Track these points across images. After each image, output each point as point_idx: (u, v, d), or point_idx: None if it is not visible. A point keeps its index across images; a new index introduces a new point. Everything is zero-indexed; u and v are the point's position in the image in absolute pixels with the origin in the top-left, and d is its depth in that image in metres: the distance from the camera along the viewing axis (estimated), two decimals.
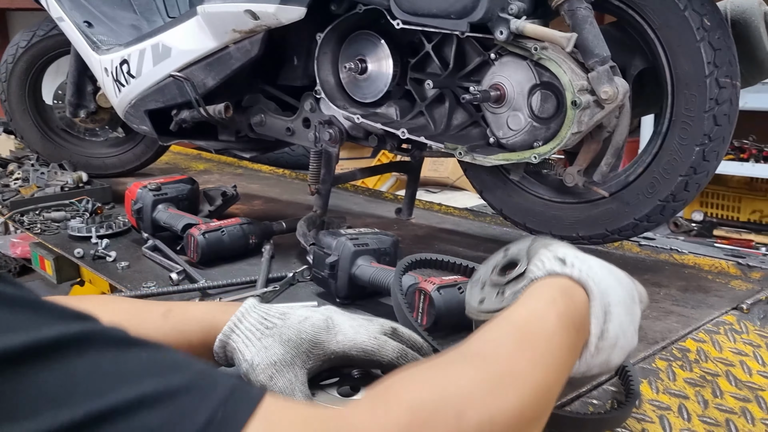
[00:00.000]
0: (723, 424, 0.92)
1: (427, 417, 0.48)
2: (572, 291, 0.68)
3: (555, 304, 0.65)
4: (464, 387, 0.52)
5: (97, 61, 1.76)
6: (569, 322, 0.65)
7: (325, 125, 1.44)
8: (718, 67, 1.13)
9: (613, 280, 0.72)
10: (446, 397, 0.50)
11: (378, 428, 0.47)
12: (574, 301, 0.68)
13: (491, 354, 0.58)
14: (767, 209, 4.02)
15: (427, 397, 0.50)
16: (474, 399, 0.51)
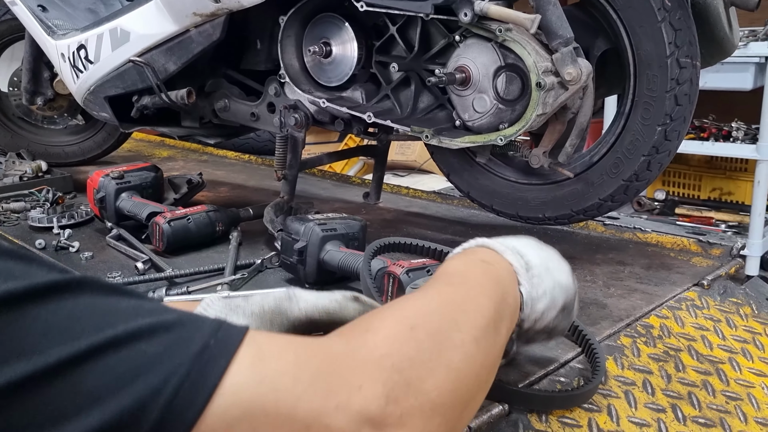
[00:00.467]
0: (685, 397, 0.95)
1: (402, 340, 0.53)
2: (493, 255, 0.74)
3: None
4: (434, 309, 0.59)
5: (53, 46, 1.70)
6: (493, 275, 0.71)
7: (291, 110, 1.43)
8: (679, 48, 1.15)
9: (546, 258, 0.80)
10: (419, 321, 0.56)
11: (356, 350, 0.52)
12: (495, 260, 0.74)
13: (448, 287, 0.65)
14: (727, 187, 4.12)
15: (401, 322, 0.55)
16: (445, 319, 0.58)
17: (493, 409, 0.81)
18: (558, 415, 0.85)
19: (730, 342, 1.11)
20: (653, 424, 0.88)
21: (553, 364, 0.95)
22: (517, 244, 0.78)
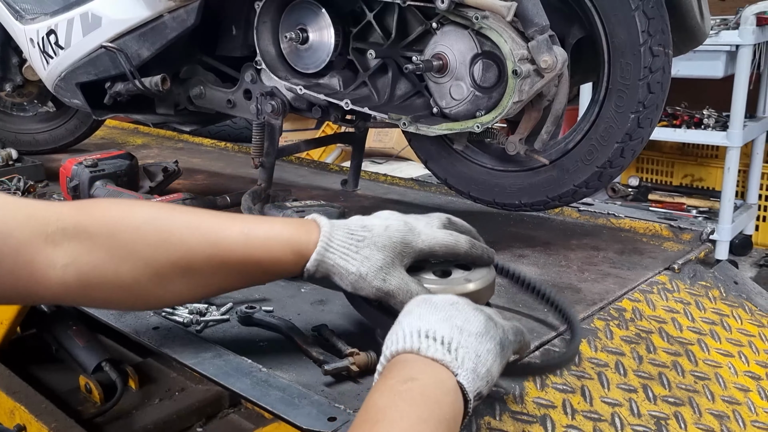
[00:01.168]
0: (656, 378, 0.97)
1: None
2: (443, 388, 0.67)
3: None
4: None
5: (22, 31, 1.66)
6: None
7: (267, 97, 1.42)
8: (652, 36, 1.17)
9: (491, 358, 0.72)
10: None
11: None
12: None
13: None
14: (698, 173, 4.21)
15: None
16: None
17: None
18: (533, 396, 0.87)
19: (699, 324, 1.14)
20: (625, 404, 0.91)
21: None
22: (430, 325, 0.70)
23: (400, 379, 0.66)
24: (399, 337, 0.70)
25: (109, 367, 2.01)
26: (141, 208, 0.87)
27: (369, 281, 0.82)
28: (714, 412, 0.95)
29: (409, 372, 0.66)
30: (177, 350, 0.96)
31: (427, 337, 0.69)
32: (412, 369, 0.67)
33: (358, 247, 0.82)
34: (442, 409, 0.64)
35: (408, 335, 0.70)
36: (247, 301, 1.10)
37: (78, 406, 1.97)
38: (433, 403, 0.63)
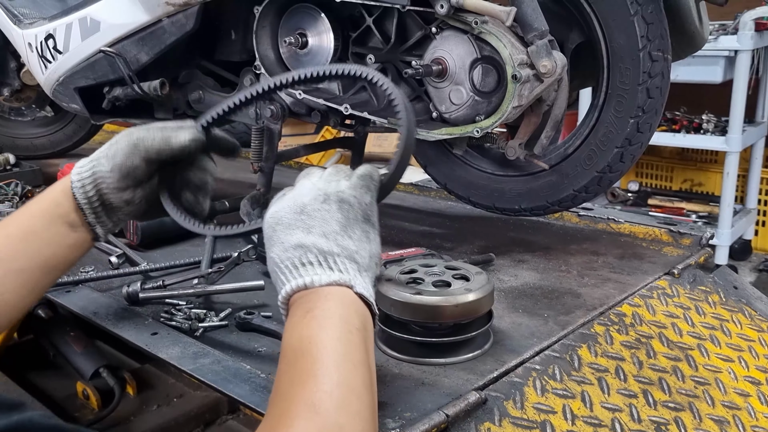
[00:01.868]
0: (656, 383, 0.97)
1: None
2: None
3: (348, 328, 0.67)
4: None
5: (20, 35, 1.66)
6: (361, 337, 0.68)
7: (266, 101, 1.42)
8: (651, 41, 1.17)
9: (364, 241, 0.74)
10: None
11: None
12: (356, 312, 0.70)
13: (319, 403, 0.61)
14: (697, 178, 4.21)
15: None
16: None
17: (470, 397, 0.82)
18: (533, 401, 0.87)
19: (699, 329, 1.14)
20: (625, 409, 0.90)
21: (528, 352, 0.96)
22: (296, 251, 0.71)
23: (301, 313, 0.68)
24: (282, 278, 0.71)
25: (107, 373, 2.00)
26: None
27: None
28: (714, 417, 0.94)
29: (307, 304, 0.69)
30: (175, 356, 0.95)
31: (303, 265, 0.70)
32: (308, 301, 0.69)
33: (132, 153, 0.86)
34: (350, 321, 0.67)
35: (287, 272, 0.71)
36: (246, 307, 1.10)
37: (75, 413, 1.96)
38: (338, 320, 0.67)
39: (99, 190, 0.86)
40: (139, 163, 0.87)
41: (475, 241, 1.44)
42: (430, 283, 0.94)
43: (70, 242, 0.87)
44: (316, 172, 0.79)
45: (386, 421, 0.78)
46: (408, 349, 0.94)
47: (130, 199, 0.89)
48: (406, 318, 0.92)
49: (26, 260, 0.84)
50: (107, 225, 0.89)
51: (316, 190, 0.75)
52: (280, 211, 0.75)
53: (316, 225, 0.72)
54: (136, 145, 0.87)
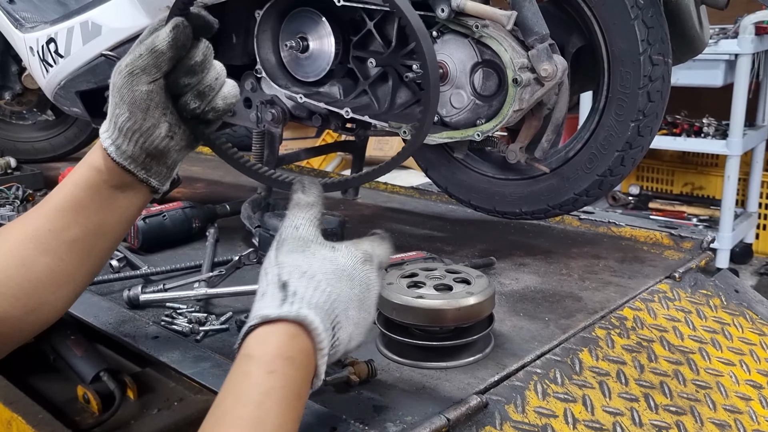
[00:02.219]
0: (657, 387, 0.97)
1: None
2: (293, 343, 0.64)
3: (275, 380, 0.62)
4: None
5: (21, 39, 1.66)
6: (292, 392, 0.62)
7: (267, 105, 1.42)
8: (652, 45, 1.17)
9: (342, 284, 0.69)
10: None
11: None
12: (297, 354, 0.64)
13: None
14: (698, 182, 4.21)
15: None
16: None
17: (471, 401, 0.82)
18: (534, 405, 0.86)
19: (701, 333, 1.14)
20: (627, 413, 0.90)
21: (529, 355, 0.96)
22: (326, 300, 0.67)
23: (245, 358, 0.64)
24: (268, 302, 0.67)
25: (108, 377, 1.99)
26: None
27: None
28: (716, 421, 0.94)
29: (251, 350, 0.64)
30: (176, 360, 0.95)
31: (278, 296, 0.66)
32: (257, 344, 0.64)
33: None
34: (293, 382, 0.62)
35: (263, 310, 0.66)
36: (247, 311, 1.09)
37: (76, 417, 1.95)
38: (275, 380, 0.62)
39: (135, 142, 0.78)
40: (146, 87, 0.77)
41: (476, 245, 1.44)
42: (431, 287, 0.94)
43: (122, 203, 0.81)
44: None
45: (387, 425, 0.78)
46: (409, 353, 0.94)
47: (170, 131, 0.79)
48: (408, 321, 0.92)
49: (78, 229, 0.79)
50: (162, 173, 0.82)
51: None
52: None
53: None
54: (130, 72, 0.78)
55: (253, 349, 0.63)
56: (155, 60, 0.77)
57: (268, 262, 0.70)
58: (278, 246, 0.71)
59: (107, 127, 0.80)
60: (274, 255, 0.70)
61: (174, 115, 0.80)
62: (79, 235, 0.79)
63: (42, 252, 0.77)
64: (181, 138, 0.82)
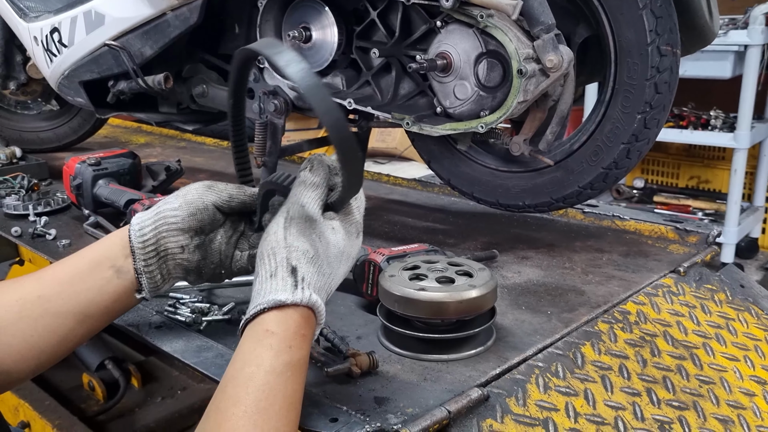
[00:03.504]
0: (660, 381, 0.96)
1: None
2: (306, 323, 0.71)
3: (293, 353, 0.69)
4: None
5: (26, 29, 1.66)
6: (305, 363, 0.70)
7: (270, 96, 1.41)
8: (660, 35, 1.15)
9: (341, 263, 0.77)
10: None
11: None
12: (308, 330, 0.71)
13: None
14: (704, 175, 4.18)
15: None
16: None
17: (472, 393, 0.82)
18: (536, 398, 0.86)
19: (705, 327, 1.13)
20: (629, 407, 0.90)
21: (531, 349, 0.95)
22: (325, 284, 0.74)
23: (260, 334, 0.70)
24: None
25: (112, 365, 2.01)
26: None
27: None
28: (719, 416, 0.94)
29: (269, 326, 0.70)
30: (179, 349, 0.95)
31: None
32: (273, 321, 0.70)
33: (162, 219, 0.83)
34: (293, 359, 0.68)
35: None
36: (249, 301, 1.09)
37: (81, 404, 1.97)
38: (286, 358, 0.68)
39: (158, 232, 0.82)
40: (209, 204, 0.84)
41: (479, 238, 1.44)
42: (433, 279, 0.94)
43: (111, 290, 0.82)
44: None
45: (388, 416, 0.78)
46: (410, 345, 0.94)
47: (186, 245, 0.84)
48: (409, 314, 0.92)
49: (64, 302, 0.80)
50: (155, 276, 0.83)
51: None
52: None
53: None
54: (210, 186, 0.86)
55: (274, 327, 0.69)
56: (235, 194, 0.86)
57: (276, 242, 0.73)
58: (286, 225, 0.74)
59: (150, 209, 0.85)
60: (283, 235, 0.73)
61: (199, 241, 0.85)
62: (63, 310, 0.80)
63: (23, 318, 0.78)
64: (187, 258, 0.85)
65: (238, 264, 0.89)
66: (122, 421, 1.90)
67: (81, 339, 0.84)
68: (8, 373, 0.78)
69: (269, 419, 0.64)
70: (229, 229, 0.88)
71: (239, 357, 0.68)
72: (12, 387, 0.82)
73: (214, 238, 0.87)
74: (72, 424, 1.70)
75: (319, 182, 0.78)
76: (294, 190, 0.78)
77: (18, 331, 0.78)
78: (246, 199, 0.87)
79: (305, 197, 0.76)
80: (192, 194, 0.85)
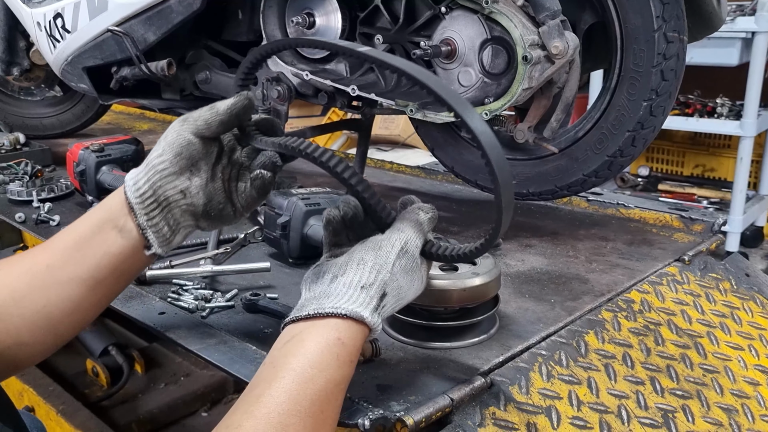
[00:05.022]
0: (664, 370, 0.96)
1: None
2: (365, 342, 0.73)
3: (350, 368, 0.69)
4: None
5: (29, 15, 1.65)
6: (350, 379, 0.70)
7: (273, 82, 1.40)
8: (667, 22, 1.14)
9: (413, 297, 0.78)
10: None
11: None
12: (362, 346, 0.72)
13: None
14: (709, 163, 4.16)
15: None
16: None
17: (475, 381, 0.82)
18: (539, 387, 0.86)
19: (709, 316, 1.12)
20: (632, 396, 0.89)
21: (535, 337, 0.95)
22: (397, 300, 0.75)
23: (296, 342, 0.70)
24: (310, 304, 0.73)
25: (116, 351, 2.02)
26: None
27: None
28: (722, 405, 0.94)
29: (300, 334, 0.71)
30: (182, 336, 0.96)
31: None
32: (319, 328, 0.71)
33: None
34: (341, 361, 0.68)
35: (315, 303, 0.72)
36: (252, 288, 1.10)
37: (85, 389, 1.99)
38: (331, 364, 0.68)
39: (152, 183, 0.78)
40: (189, 136, 0.80)
41: (482, 225, 1.43)
42: (436, 267, 0.93)
43: (117, 250, 0.79)
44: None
45: (391, 404, 0.78)
46: (413, 333, 0.94)
47: (186, 188, 0.80)
48: (413, 301, 0.91)
49: (72, 269, 0.78)
50: (162, 229, 0.80)
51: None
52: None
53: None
54: (185, 119, 0.81)
55: (347, 338, 0.69)
56: (208, 116, 0.80)
57: (385, 262, 0.73)
58: (400, 255, 0.75)
59: (140, 166, 0.81)
60: (393, 261, 0.74)
61: (199, 180, 0.81)
62: (73, 276, 0.78)
63: (34, 288, 0.77)
64: (191, 202, 0.81)
65: (243, 196, 0.85)
66: (125, 407, 1.91)
67: (96, 307, 0.82)
68: (27, 345, 0.77)
69: (319, 428, 0.64)
70: (227, 162, 0.84)
71: (301, 351, 0.67)
72: (34, 362, 0.81)
73: (215, 175, 0.83)
74: (76, 409, 1.72)
75: (428, 229, 0.80)
76: (413, 225, 0.78)
77: (30, 302, 0.77)
78: (223, 117, 0.81)
79: (419, 236, 0.77)
80: (171, 134, 0.81)
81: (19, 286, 0.77)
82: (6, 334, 0.76)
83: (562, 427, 0.82)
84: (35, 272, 0.78)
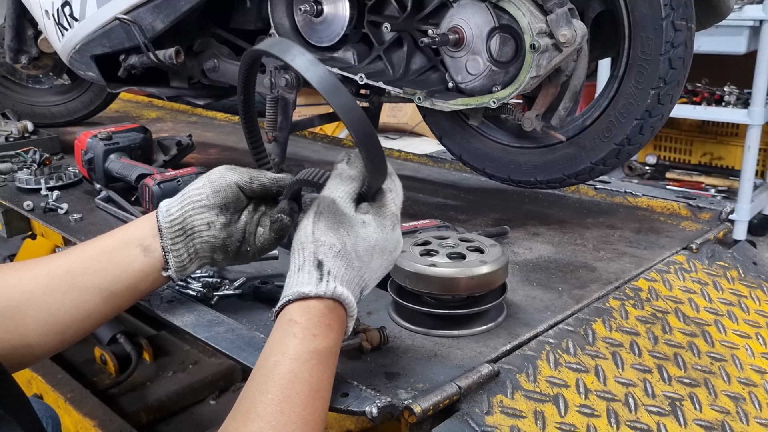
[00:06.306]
0: (671, 358, 0.96)
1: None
2: (331, 314, 0.71)
3: (318, 341, 0.69)
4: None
5: (37, 3, 1.65)
6: (332, 351, 0.71)
7: (281, 70, 1.40)
8: (675, 10, 1.13)
9: (373, 257, 0.75)
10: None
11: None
12: (334, 321, 0.71)
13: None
14: (717, 152, 4.14)
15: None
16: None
17: (482, 369, 0.82)
18: (546, 374, 0.87)
19: (717, 305, 1.13)
20: (639, 384, 0.90)
21: (542, 325, 0.96)
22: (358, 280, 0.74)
23: (287, 324, 0.71)
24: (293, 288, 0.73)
25: (124, 339, 2.04)
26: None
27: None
28: (730, 393, 0.94)
29: (293, 316, 0.71)
30: (190, 324, 0.96)
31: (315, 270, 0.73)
32: (300, 311, 0.72)
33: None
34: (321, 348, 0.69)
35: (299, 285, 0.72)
36: (260, 276, 1.10)
37: (93, 377, 2.00)
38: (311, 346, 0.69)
39: (184, 211, 0.84)
40: (231, 182, 0.86)
41: (490, 214, 1.43)
42: (444, 255, 0.94)
43: (138, 267, 0.83)
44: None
45: (398, 391, 0.79)
46: (421, 321, 0.94)
47: (212, 222, 0.85)
48: (420, 290, 0.92)
49: (91, 277, 0.81)
50: (181, 255, 0.84)
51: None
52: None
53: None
54: (233, 168, 0.88)
55: (298, 317, 0.70)
56: (256, 175, 0.88)
57: (305, 236, 0.73)
58: (315, 220, 0.74)
59: (177, 195, 0.87)
60: (311, 230, 0.73)
61: (224, 219, 0.86)
62: (90, 285, 0.81)
63: (51, 292, 0.79)
64: (213, 235, 0.86)
65: (261, 239, 0.90)
66: (134, 395, 1.93)
67: (105, 317, 0.84)
68: (32, 346, 0.79)
69: (295, 406, 0.64)
70: (252, 210, 0.90)
71: (267, 347, 0.69)
72: (33, 363, 0.83)
73: (239, 218, 0.88)
74: (84, 397, 1.73)
75: (354, 175, 0.76)
76: (328, 183, 0.77)
77: (45, 304, 0.79)
78: (266, 182, 0.88)
79: (337, 191, 0.75)
80: (215, 174, 0.87)
81: (35, 288, 0.79)
82: (15, 333, 0.77)
83: (570, 415, 0.82)
84: (54, 276, 0.80)
